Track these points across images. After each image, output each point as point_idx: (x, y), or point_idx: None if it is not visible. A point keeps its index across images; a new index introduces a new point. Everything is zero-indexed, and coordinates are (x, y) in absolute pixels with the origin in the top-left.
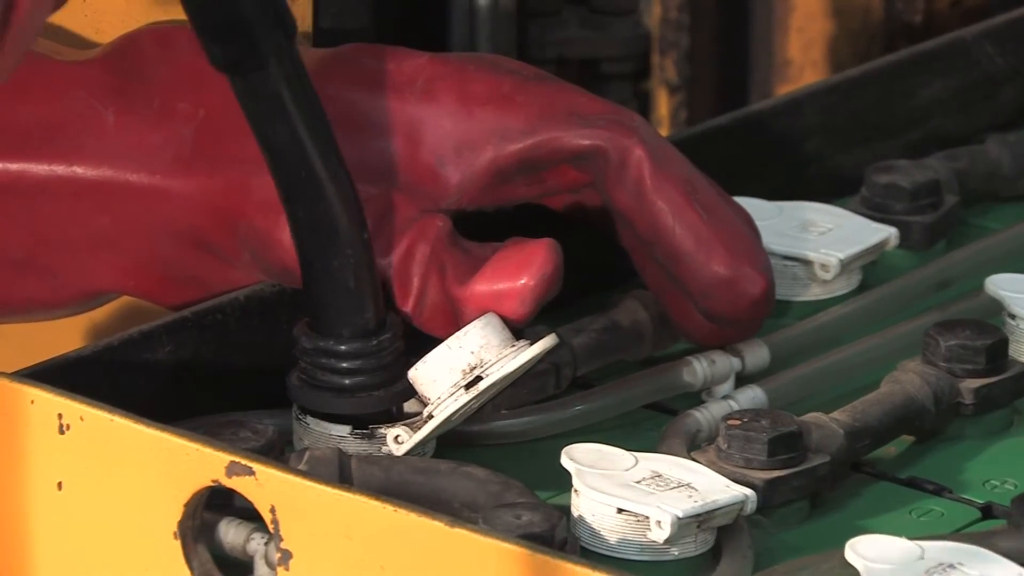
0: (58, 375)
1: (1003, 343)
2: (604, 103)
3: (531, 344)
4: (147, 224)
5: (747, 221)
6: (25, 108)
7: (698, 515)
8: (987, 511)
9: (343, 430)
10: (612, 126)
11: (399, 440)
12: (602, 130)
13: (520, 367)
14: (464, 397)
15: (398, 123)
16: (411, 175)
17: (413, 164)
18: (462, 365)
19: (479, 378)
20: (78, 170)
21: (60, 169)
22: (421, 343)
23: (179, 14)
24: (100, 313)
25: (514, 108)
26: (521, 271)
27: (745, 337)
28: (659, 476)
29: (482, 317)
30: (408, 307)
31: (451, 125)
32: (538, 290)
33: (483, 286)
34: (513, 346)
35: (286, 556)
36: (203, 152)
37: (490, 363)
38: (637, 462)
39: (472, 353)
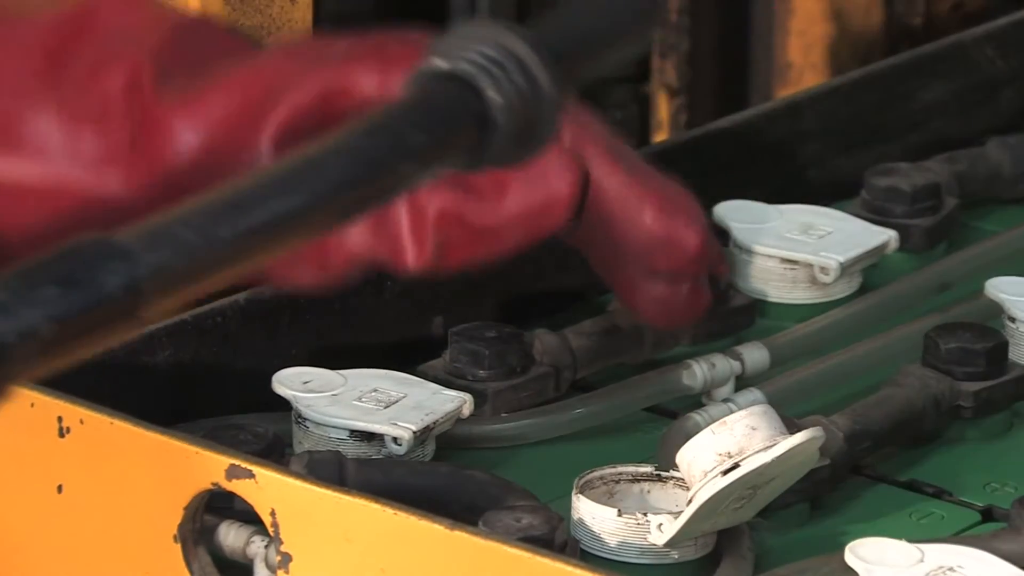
0: (58, 378)
1: (1003, 346)
2: None
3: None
4: (83, 226)
5: (676, 185)
6: None
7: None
8: (987, 514)
9: (342, 433)
10: None
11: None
12: None
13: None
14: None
15: None
16: None
17: None
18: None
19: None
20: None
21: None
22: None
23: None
24: None
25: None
26: (548, 180)
27: (692, 317)
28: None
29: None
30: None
31: None
32: (576, 193)
33: (515, 206)
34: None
35: (286, 559)
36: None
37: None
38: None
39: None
